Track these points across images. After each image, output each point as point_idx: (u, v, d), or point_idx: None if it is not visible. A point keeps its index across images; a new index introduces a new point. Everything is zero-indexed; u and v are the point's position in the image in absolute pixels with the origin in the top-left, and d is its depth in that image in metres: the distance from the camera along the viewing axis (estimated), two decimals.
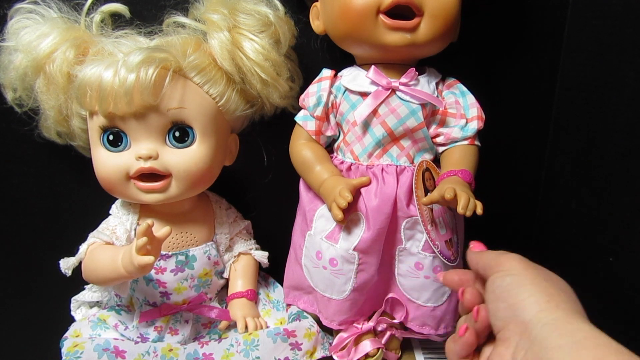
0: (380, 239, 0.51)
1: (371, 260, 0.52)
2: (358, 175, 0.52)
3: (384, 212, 0.50)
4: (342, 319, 0.54)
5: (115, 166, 0.50)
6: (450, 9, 0.48)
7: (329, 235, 0.53)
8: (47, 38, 0.50)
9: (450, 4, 0.48)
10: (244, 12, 0.51)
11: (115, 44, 0.49)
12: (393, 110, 0.51)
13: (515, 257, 0.38)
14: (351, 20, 0.48)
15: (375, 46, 0.50)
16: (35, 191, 0.63)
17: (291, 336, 0.52)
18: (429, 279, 0.52)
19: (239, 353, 0.51)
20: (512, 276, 0.37)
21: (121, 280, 0.50)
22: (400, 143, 0.52)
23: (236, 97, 0.53)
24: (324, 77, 0.53)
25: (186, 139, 0.50)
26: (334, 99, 0.53)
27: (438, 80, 0.54)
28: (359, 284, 0.52)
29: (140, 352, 0.51)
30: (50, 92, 0.52)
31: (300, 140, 0.55)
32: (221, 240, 0.59)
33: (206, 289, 0.57)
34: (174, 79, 0.48)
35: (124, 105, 0.47)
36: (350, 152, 0.53)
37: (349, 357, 0.54)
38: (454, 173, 0.50)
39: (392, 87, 0.50)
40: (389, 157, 0.52)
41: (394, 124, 0.51)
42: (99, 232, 0.53)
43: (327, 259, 0.52)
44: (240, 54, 0.51)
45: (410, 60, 0.52)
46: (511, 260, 0.38)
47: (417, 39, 0.49)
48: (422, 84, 0.52)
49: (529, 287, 0.35)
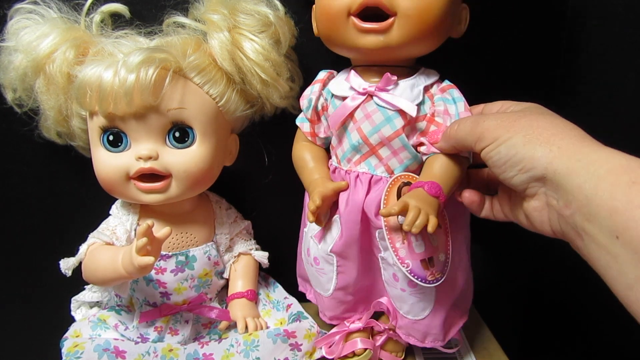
0: (353, 245, 0.50)
1: (349, 264, 0.52)
2: (339, 179, 0.52)
3: (352, 220, 0.49)
4: (332, 315, 0.56)
5: (115, 166, 0.50)
6: (425, 8, 0.45)
7: (317, 234, 0.53)
8: (47, 38, 0.50)
9: (426, 3, 0.45)
10: (244, 12, 0.51)
11: (115, 44, 0.49)
12: (368, 116, 0.48)
13: (488, 120, 0.40)
14: (327, 23, 0.48)
15: (351, 49, 0.48)
16: (35, 191, 0.63)
17: (291, 337, 0.52)
18: (405, 291, 0.50)
19: (239, 353, 0.51)
20: (503, 144, 0.38)
21: (121, 281, 0.50)
22: (379, 153, 0.49)
23: (236, 98, 0.53)
24: (317, 79, 0.53)
25: (186, 139, 0.50)
26: (324, 101, 0.52)
27: (430, 83, 0.49)
28: (341, 285, 0.53)
29: (141, 352, 0.51)
30: (50, 92, 0.52)
31: (300, 141, 0.56)
32: (221, 241, 0.59)
33: (206, 289, 0.57)
34: (174, 79, 0.48)
35: (124, 105, 0.47)
36: (335, 156, 0.53)
37: (336, 352, 0.55)
38: (420, 185, 0.45)
39: (367, 92, 0.48)
40: (366, 165, 0.50)
41: (369, 131, 0.48)
42: (99, 233, 0.53)
43: (312, 257, 0.54)
44: (240, 54, 0.51)
45: (400, 61, 0.49)
46: (490, 129, 0.40)
47: (391, 41, 0.46)
48: (402, 89, 0.48)
49: (524, 147, 0.37)
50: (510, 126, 0.39)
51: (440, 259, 0.48)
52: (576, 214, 0.34)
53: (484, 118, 0.42)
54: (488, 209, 0.47)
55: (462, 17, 0.49)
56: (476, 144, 0.41)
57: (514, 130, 0.38)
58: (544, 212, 0.38)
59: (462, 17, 0.49)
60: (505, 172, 0.39)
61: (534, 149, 0.37)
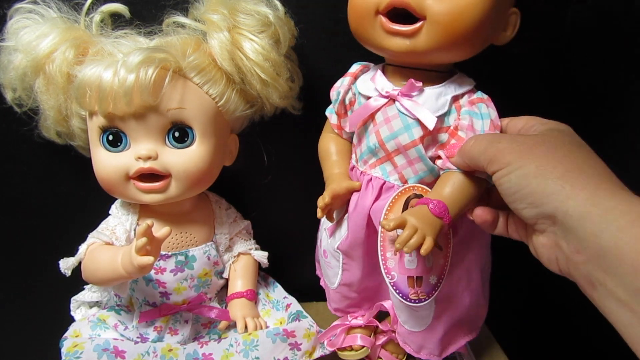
0: (358, 247, 0.50)
1: (354, 264, 0.52)
2: (355, 178, 0.51)
3: (358, 224, 0.49)
4: (336, 307, 0.57)
5: (114, 166, 0.50)
6: (458, 15, 0.41)
7: (330, 228, 0.53)
8: (46, 38, 0.49)
9: (458, 9, 0.41)
10: (244, 12, 0.51)
11: (114, 44, 0.49)
12: (388, 120, 0.46)
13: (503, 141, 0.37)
14: (355, 20, 0.46)
15: (378, 49, 0.46)
16: (34, 191, 0.63)
17: (290, 336, 0.52)
18: (402, 302, 0.48)
19: (239, 353, 0.51)
20: (514, 172, 0.35)
21: (121, 281, 0.50)
22: (394, 160, 0.47)
23: (236, 98, 0.53)
24: (349, 72, 0.51)
25: (186, 139, 0.50)
26: (352, 96, 0.50)
27: (461, 93, 0.46)
28: (346, 282, 0.53)
29: (140, 352, 0.51)
30: (50, 92, 0.52)
31: (327, 132, 0.55)
32: (221, 241, 0.59)
33: (206, 289, 0.57)
34: (174, 79, 0.48)
35: (124, 105, 0.47)
36: (354, 154, 0.52)
37: (337, 344, 0.56)
38: (426, 202, 0.43)
39: (390, 96, 0.46)
40: (381, 170, 0.48)
41: (386, 136, 0.47)
42: (99, 233, 0.53)
43: (322, 249, 0.55)
44: (240, 54, 0.51)
45: (432, 65, 0.46)
46: (504, 152, 0.36)
47: (417, 47, 0.43)
48: (426, 97, 0.45)
49: (535, 179, 0.34)
50: (525, 153, 0.36)
51: (431, 281, 0.46)
52: (589, 262, 0.31)
53: (500, 138, 0.38)
54: (502, 227, 0.43)
55: (510, 23, 0.45)
56: (488, 166, 0.38)
57: (528, 159, 0.35)
58: (552, 250, 0.35)
59: (510, 23, 0.45)
60: (514, 202, 0.36)
61: (545, 183, 0.33)
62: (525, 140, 0.37)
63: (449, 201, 0.43)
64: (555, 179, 0.33)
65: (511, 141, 0.37)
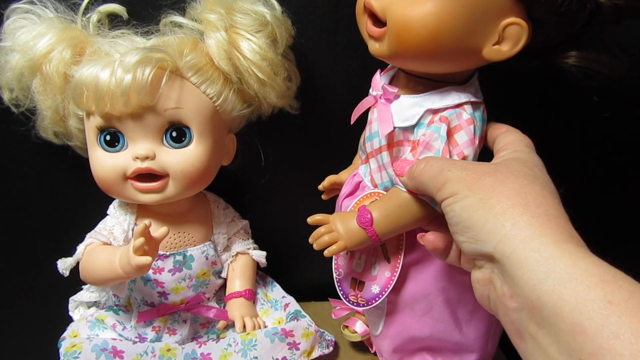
0: None
1: None
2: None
3: (336, 210, 0.50)
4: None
5: (112, 166, 0.50)
6: (407, 25, 0.38)
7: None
8: (43, 38, 0.49)
9: (408, 19, 0.38)
10: (241, 11, 0.51)
11: (111, 44, 0.49)
12: (370, 122, 0.46)
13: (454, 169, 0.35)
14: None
15: None
16: (32, 191, 0.63)
17: (289, 336, 0.52)
18: None
19: (237, 353, 0.51)
20: (459, 202, 0.33)
21: (119, 281, 0.50)
22: (370, 162, 0.47)
23: (233, 97, 0.53)
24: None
25: (183, 139, 0.50)
26: None
27: (442, 107, 0.42)
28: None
29: (139, 352, 0.51)
30: (47, 92, 0.51)
31: None
32: (219, 240, 0.59)
33: (204, 288, 0.57)
34: (171, 79, 0.48)
35: (121, 105, 0.47)
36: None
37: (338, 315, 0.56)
38: (361, 210, 0.43)
39: (375, 97, 0.45)
40: (363, 168, 0.49)
41: (366, 137, 0.47)
42: (97, 233, 0.53)
43: None
44: (237, 54, 0.51)
45: (423, 73, 0.43)
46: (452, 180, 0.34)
47: (383, 52, 0.41)
48: (398, 104, 0.43)
49: (476, 213, 0.31)
50: (472, 183, 0.33)
51: (372, 290, 0.46)
52: (522, 311, 0.28)
53: (451, 166, 0.36)
54: (454, 256, 0.40)
55: (509, 37, 0.39)
56: (437, 193, 0.35)
57: (474, 190, 0.33)
58: (486, 288, 0.33)
59: (509, 37, 0.39)
60: (456, 233, 0.34)
61: (486, 218, 0.31)
62: (477, 169, 0.35)
63: (383, 217, 0.42)
64: (497, 215, 0.30)
65: (462, 169, 0.35)
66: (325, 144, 0.62)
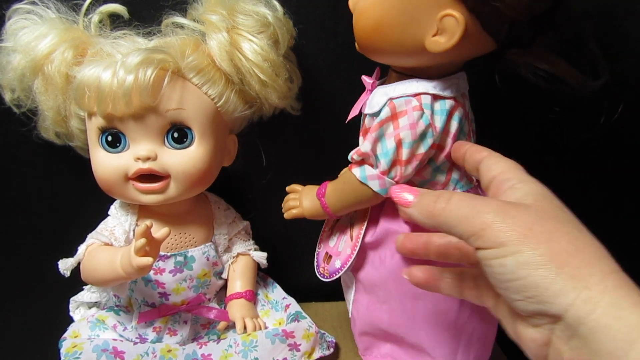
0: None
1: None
2: None
3: None
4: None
5: (113, 167, 0.50)
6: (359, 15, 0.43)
7: None
8: (45, 39, 0.49)
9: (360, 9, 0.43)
10: (243, 12, 0.51)
11: (113, 44, 0.49)
12: None
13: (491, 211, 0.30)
14: None
15: None
16: (34, 191, 0.63)
17: (290, 337, 0.52)
18: None
19: (238, 354, 0.51)
20: (511, 257, 0.29)
21: (120, 281, 0.50)
22: None
23: (235, 98, 0.53)
24: None
25: (185, 140, 0.50)
26: None
27: (397, 96, 0.43)
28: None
29: (139, 352, 0.51)
30: (49, 92, 0.51)
31: None
32: (220, 241, 0.59)
33: (205, 289, 0.57)
34: (173, 79, 0.48)
35: (123, 106, 0.47)
36: None
37: None
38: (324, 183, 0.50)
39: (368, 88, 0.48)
40: None
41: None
42: (98, 233, 0.53)
43: None
44: (239, 55, 0.51)
45: (399, 68, 0.46)
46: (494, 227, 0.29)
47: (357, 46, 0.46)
48: (374, 93, 0.46)
49: (538, 271, 0.28)
50: (523, 235, 0.29)
51: (336, 265, 0.50)
52: None
53: (486, 206, 0.31)
54: (453, 287, 0.37)
55: (445, 28, 0.38)
56: (471, 239, 0.31)
57: (528, 243, 0.28)
58: (544, 348, 0.29)
59: (445, 28, 0.38)
60: (507, 290, 0.30)
61: (552, 279, 0.27)
62: (519, 214, 0.30)
63: (333, 191, 0.48)
64: (567, 277, 0.27)
65: (501, 214, 0.30)
66: (327, 145, 0.62)
